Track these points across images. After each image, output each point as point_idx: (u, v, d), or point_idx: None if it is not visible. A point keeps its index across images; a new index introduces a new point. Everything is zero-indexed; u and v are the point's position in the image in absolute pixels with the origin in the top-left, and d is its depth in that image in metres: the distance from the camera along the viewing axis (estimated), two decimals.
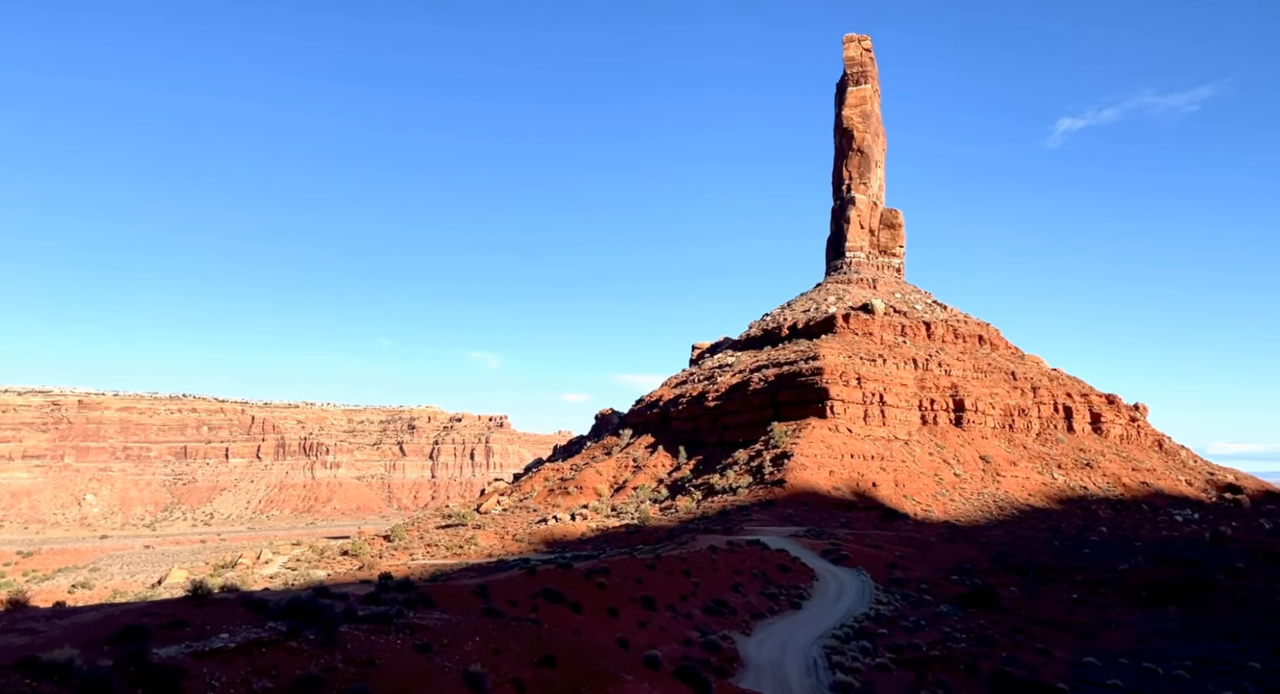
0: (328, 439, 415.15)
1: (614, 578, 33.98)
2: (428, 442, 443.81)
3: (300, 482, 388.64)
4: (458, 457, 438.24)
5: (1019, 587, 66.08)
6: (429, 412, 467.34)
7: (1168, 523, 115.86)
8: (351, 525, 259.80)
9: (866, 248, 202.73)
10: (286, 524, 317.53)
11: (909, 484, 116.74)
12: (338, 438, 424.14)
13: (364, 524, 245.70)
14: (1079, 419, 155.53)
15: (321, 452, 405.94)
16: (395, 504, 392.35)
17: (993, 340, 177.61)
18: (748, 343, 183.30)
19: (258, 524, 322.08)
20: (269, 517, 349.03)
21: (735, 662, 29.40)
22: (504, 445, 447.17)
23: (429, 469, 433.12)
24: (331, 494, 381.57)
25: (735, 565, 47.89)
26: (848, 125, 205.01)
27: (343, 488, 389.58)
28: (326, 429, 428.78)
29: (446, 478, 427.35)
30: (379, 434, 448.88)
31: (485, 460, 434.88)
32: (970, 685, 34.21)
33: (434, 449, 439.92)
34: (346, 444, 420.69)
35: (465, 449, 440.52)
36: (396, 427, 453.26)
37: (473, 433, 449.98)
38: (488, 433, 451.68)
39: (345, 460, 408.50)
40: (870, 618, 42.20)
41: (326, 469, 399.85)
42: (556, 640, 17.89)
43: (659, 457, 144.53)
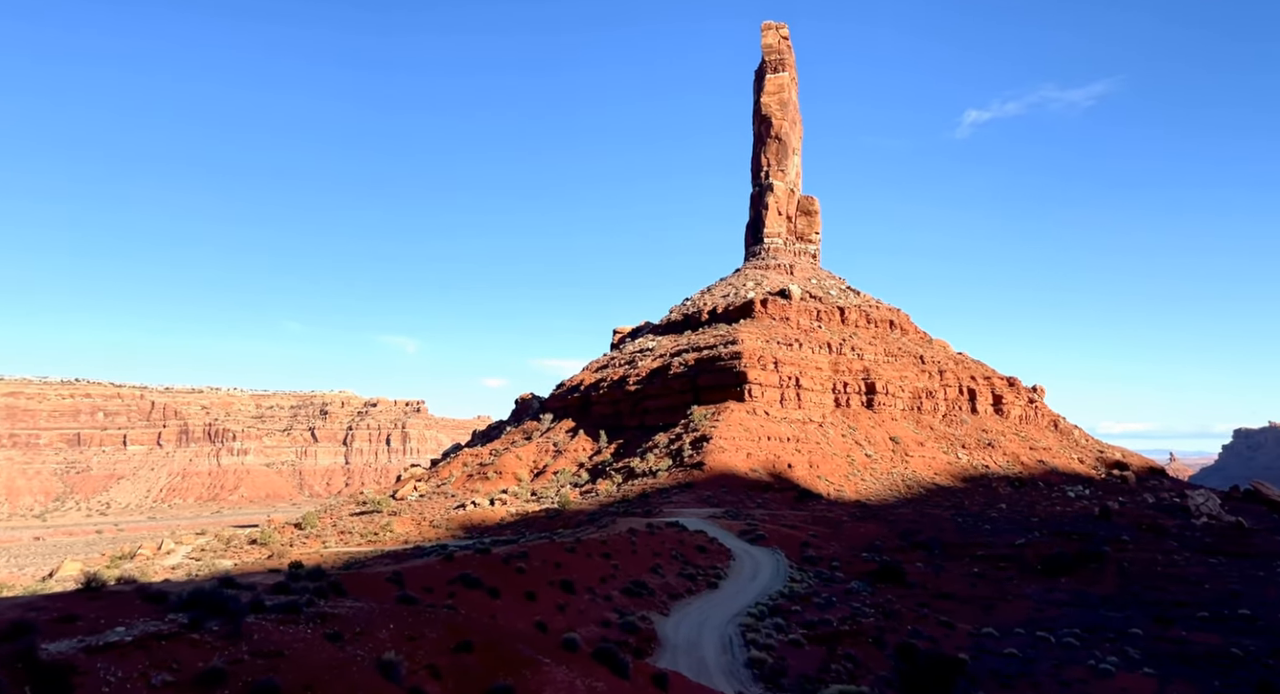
0: (234, 425, 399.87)
1: (533, 562, 33.85)
2: (341, 427, 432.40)
3: (205, 469, 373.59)
4: (373, 442, 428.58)
5: (925, 562, 68.81)
6: (342, 396, 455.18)
7: (1062, 499, 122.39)
8: (261, 514, 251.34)
9: (784, 234, 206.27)
10: (190, 513, 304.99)
11: (823, 465, 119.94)
12: (245, 424, 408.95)
13: (274, 512, 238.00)
14: (982, 401, 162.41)
15: (228, 438, 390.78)
16: (307, 491, 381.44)
17: (903, 325, 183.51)
18: (668, 327, 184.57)
19: (159, 514, 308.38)
20: (171, 506, 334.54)
21: (653, 642, 29.73)
22: (421, 431, 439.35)
23: (343, 455, 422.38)
24: (239, 482, 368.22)
25: (654, 547, 48.35)
26: (766, 112, 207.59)
27: (251, 475, 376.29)
28: (233, 415, 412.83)
29: (361, 464, 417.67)
30: (289, 420, 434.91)
31: (402, 446, 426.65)
32: (877, 658, 35.49)
33: (348, 435, 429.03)
34: (255, 430, 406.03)
35: (381, 435, 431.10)
36: (308, 412, 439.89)
37: (389, 418, 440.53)
38: (404, 418, 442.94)
39: (253, 447, 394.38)
40: (784, 596, 43.27)
41: (233, 456, 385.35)
42: (474, 626, 17.71)
43: (580, 441, 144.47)
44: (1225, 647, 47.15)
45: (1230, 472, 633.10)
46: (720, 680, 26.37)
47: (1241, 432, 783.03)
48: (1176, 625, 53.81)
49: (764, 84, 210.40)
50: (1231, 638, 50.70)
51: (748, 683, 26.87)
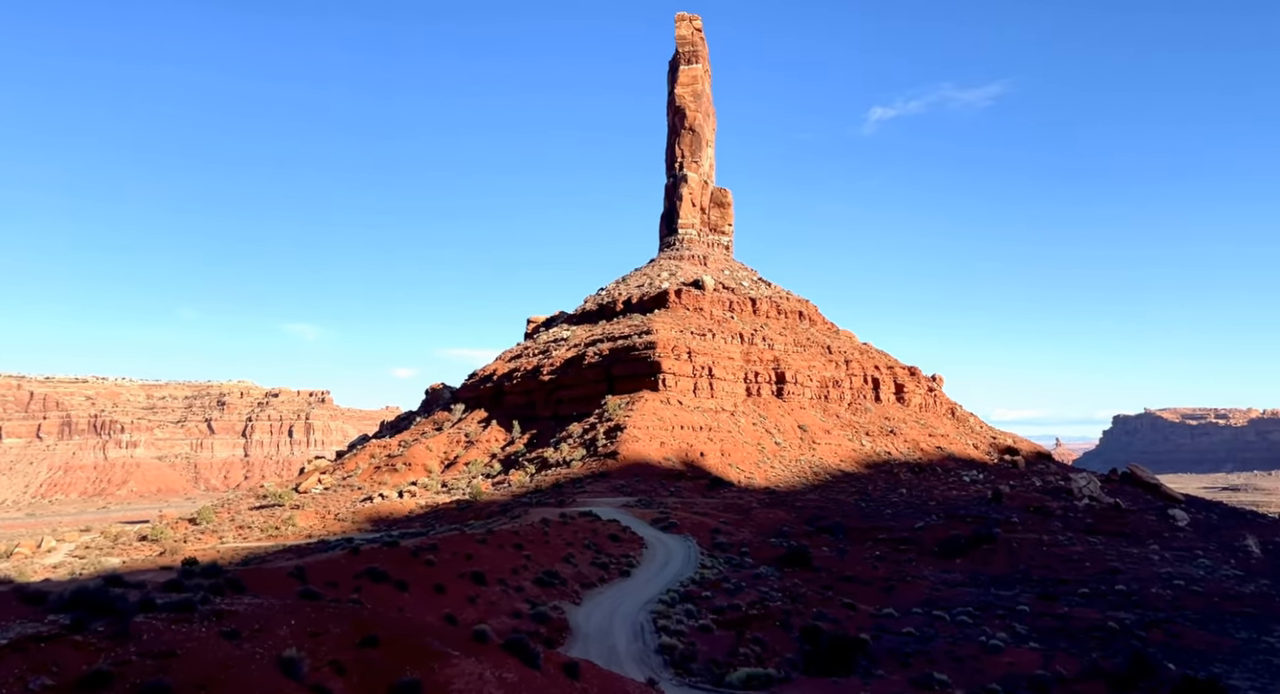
0: (123, 417, 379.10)
1: (443, 554, 33.34)
2: (240, 419, 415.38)
3: (90, 463, 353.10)
4: (274, 434, 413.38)
5: (830, 546, 70.98)
6: (241, 387, 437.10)
7: (958, 483, 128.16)
8: (152, 509, 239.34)
9: (698, 225, 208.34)
10: (74, 509, 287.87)
11: (734, 453, 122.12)
12: (135, 415, 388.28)
13: (167, 507, 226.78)
14: (885, 390, 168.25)
15: (115, 430, 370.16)
16: (203, 485, 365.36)
17: (811, 316, 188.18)
18: (583, 317, 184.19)
19: (39, 510, 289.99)
20: (52, 502, 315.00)
21: (565, 631, 29.75)
22: (326, 422, 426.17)
23: (241, 448, 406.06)
24: (128, 476, 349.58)
25: (567, 537, 48.32)
26: (680, 104, 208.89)
27: (141, 469, 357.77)
28: (121, 406, 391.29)
29: (262, 457, 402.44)
30: (184, 411, 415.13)
31: (305, 438, 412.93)
32: (784, 640, 36.45)
33: (247, 426, 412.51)
34: (145, 422, 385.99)
35: (283, 426, 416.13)
36: (204, 403, 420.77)
37: (291, 409, 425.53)
38: (308, 409, 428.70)
39: (144, 439, 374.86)
40: (695, 582, 43.94)
41: (122, 449, 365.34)
42: (380, 620, 17.33)
43: (492, 431, 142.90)
44: (1104, 621, 50.33)
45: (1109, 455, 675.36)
46: (631, 667, 26.60)
47: (1120, 418, 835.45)
48: (1060, 602, 57.11)
49: (678, 75, 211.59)
50: (1109, 612, 54.16)
51: (658, 669, 27.19)
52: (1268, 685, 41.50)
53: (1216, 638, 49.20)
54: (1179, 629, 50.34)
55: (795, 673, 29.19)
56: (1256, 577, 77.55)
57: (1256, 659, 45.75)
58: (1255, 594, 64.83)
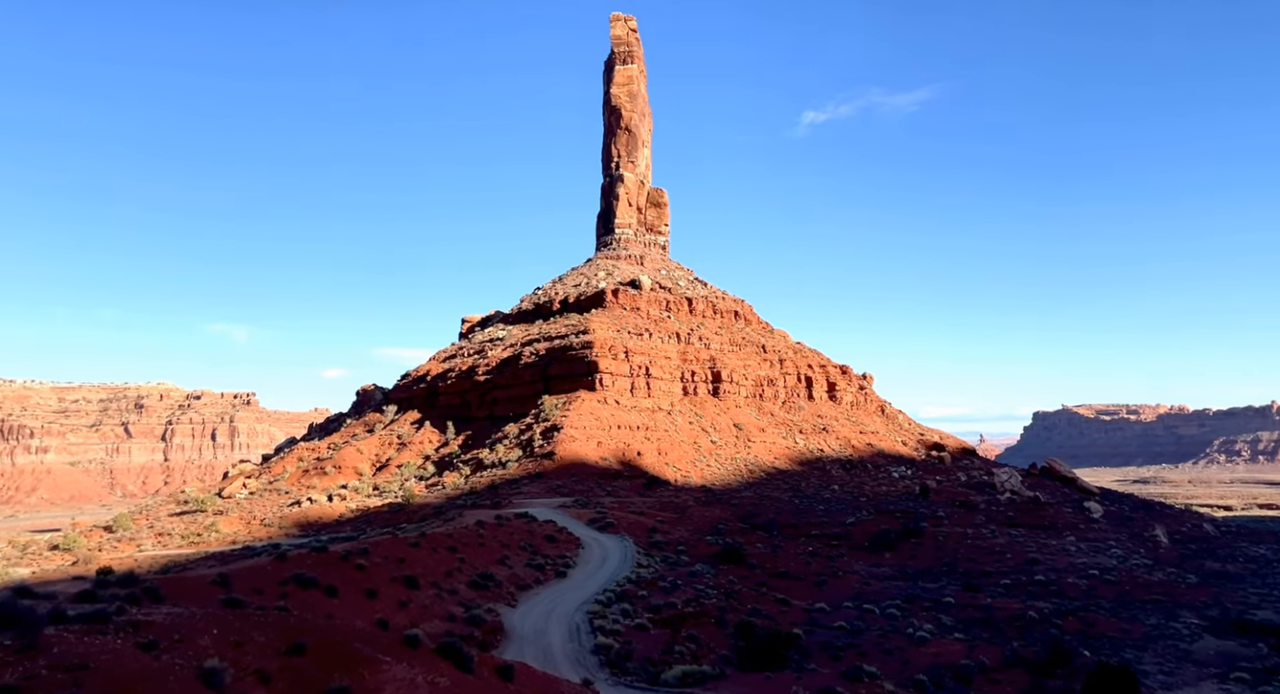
0: (32, 421, 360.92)
1: (374, 558, 32.69)
2: (159, 422, 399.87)
3: None
4: (196, 438, 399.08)
5: (765, 543, 72.02)
6: (161, 389, 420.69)
7: (888, 479, 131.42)
8: (64, 517, 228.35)
9: (634, 225, 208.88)
10: None
11: (671, 452, 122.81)
12: (45, 419, 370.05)
13: (80, 515, 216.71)
14: (818, 388, 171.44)
15: (24, 434, 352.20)
16: (120, 492, 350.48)
17: (747, 316, 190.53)
18: (519, 317, 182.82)
19: None
20: None
21: (499, 634, 29.49)
22: (252, 425, 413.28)
23: (161, 452, 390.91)
24: (37, 482, 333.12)
25: (503, 539, 47.89)
26: (616, 104, 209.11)
27: (52, 475, 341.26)
28: (30, 409, 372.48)
29: (183, 461, 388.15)
30: (99, 415, 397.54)
31: (230, 441, 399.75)
32: (719, 637, 36.85)
33: (167, 430, 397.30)
34: (57, 426, 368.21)
35: (206, 429, 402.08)
36: (121, 406, 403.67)
37: (214, 412, 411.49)
38: (232, 411, 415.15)
39: (55, 444, 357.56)
40: (631, 581, 44.06)
41: (30, 454, 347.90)
42: (307, 627, 16.91)
43: (426, 433, 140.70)
44: (1024, 611, 52.28)
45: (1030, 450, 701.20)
46: (566, 668, 26.53)
47: (1039, 414, 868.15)
48: (983, 593, 59.08)
49: (613, 75, 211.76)
50: (1029, 602, 56.28)
51: (594, 669, 27.18)
52: (1175, 669, 43.67)
53: (1128, 625, 51.59)
54: (1093, 617, 52.63)
55: (730, 669, 29.52)
56: (1164, 565, 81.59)
57: (1164, 644, 48.13)
58: (1163, 582, 68.19)
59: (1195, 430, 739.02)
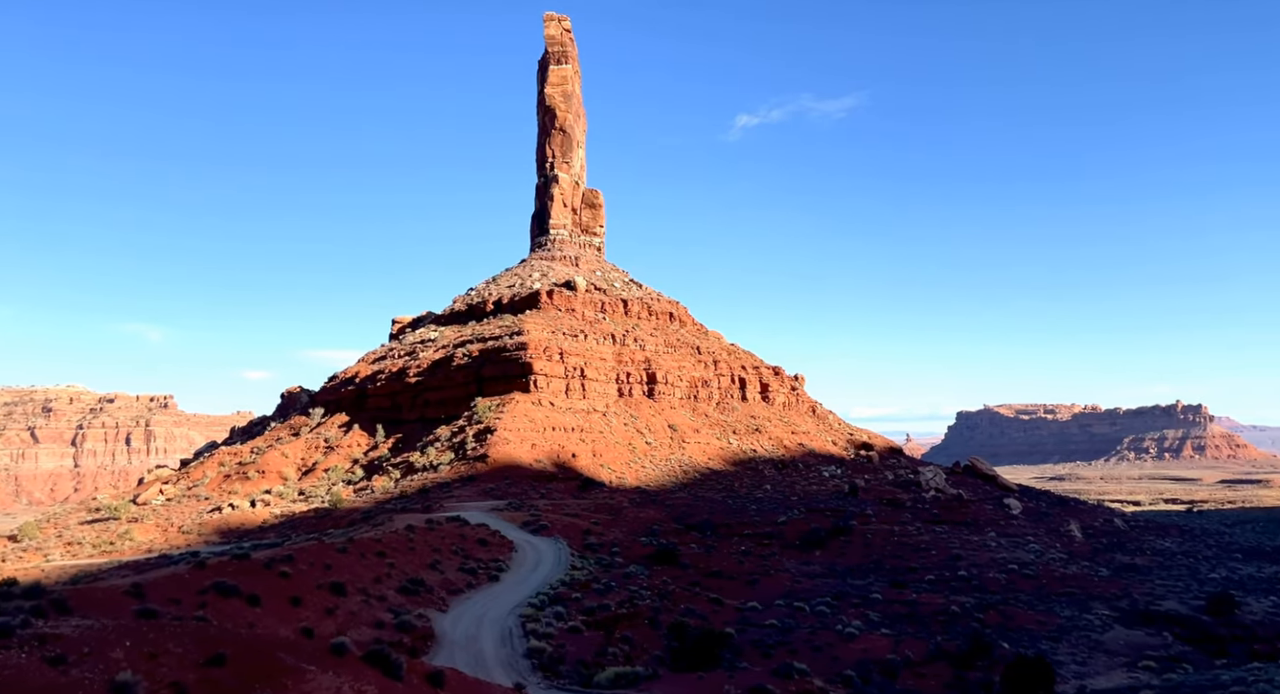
0: None
1: (299, 565, 31.78)
2: (69, 426, 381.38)
3: None
4: (109, 442, 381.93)
5: (698, 543, 72.52)
6: (70, 392, 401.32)
7: (818, 478, 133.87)
8: None
9: (569, 226, 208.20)
10: None
11: (606, 454, 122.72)
12: None
13: None
14: (751, 389, 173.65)
15: None
16: (26, 499, 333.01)
17: (681, 317, 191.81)
18: (452, 317, 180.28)
19: None
20: None
21: (430, 640, 29.00)
22: (169, 429, 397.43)
23: (71, 458, 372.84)
24: None
25: (434, 543, 47.11)
26: (550, 104, 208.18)
27: None
28: None
29: (94, 467, 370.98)
30: (2, 419, 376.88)
31: (146, 446, 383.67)
32: (653, 638, 36.96)
33: (78, 435, 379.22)
34: None
35: (119, 434, 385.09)
36: (27, 409, 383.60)
37: (129, 415, 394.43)
38: (148, 415, 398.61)
39: None
40: (565, 584, 43.86)
41: None
42: (227, 637, 16.34)
43: (354, 436, 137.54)
44: (947, 605, 53.85)
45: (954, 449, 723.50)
46: (498, 673, 26.25)
47: (963, 413, 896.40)
48: (909, 589, 60.62)
49: (547, 75, 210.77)
50: (952, 597, 57.99)
51: (526, 673, 26.96)
52: (1087, 659, 45.55)
53: (1044, 617, 53.63)
54: (1012, 610, 54.54)
55: (663, 669, 29.63)
56: (1078, 559, 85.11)
57: (1078, 635, 50.17)
58: (1077, 575, 71.09)
59: (1107, 429, 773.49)
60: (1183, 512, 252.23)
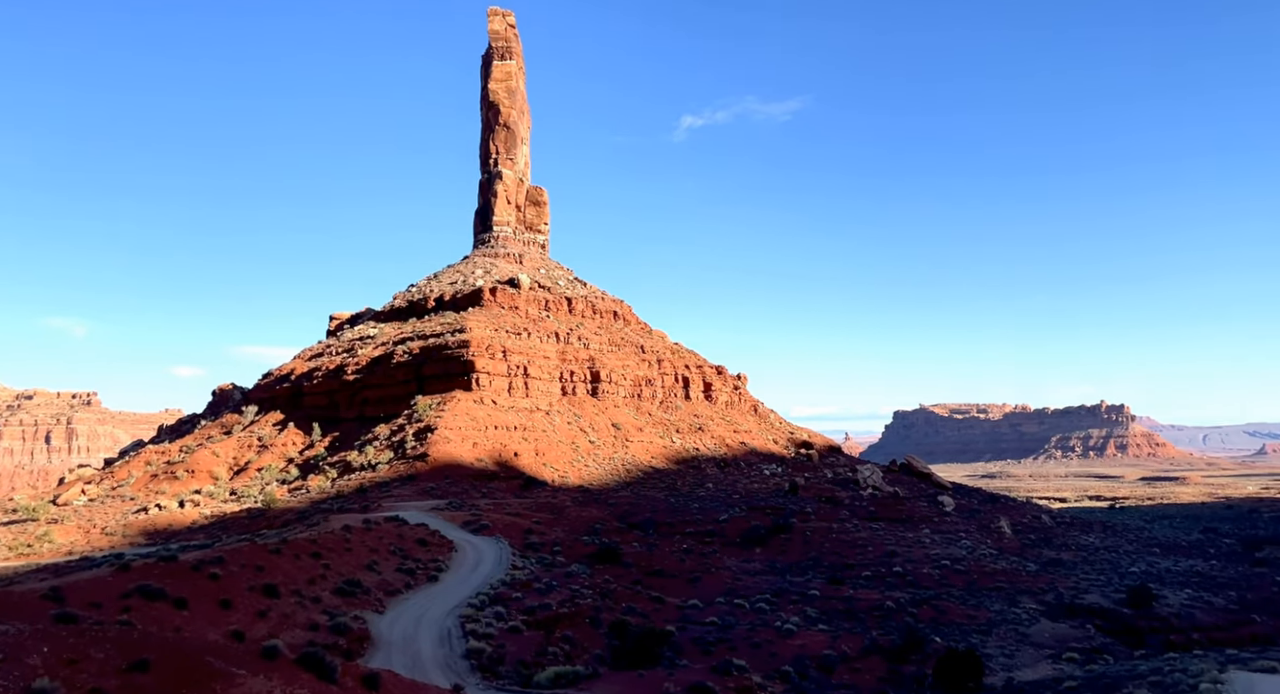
0: None
1: (230, 567, 30.86)
2: None
3: None
4: (28, 441, 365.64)
5: (641, 542, 72.72)
6: None
7: (759, 477, 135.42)
8: None
9: (513, 223, 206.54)
10: None
11: (549, 453, 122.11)
12: None
13: None
14: (695, 388, 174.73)
15: None
16: None
17: (626, 316, 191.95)
18: (392, 314, 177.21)
19: None
20: None
21: (366, 642, 28.48)
22: (93, 427, 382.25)
23: None
24: None
25: (371, 544, 46.26)
26: (494, 99, 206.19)
27: None
28: None
29: (11, 466, 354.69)
30: None
31: (67, 444, 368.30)
32: (594, 637, 36.93)
33: None
34: None
35: (38, 432, 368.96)
36: None
37: (49, 413, 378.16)
38: (70, 412, 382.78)
39: None
40: (506, 583, 43.53)
41: None
42: (152, 642, 15.79)
43: (289, 434, 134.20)
44: (882, 601, 55.01)
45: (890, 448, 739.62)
46: (437, 674, 25.92)
47: (899, 413, 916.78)
48: (846, 585, 61.75)
49: (491, 71, 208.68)
50: (887, 593, 59.25)
51: (465, 673, 26.68)
52: (1015, 651, 47.02)
53: (975, 611, 55.21)
54: (945, 605, 55.99)
55: (603, 668, 29.63)
56: (1008, 554, 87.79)
57: (1006, 628, 51.77)
58: (1006, 570, 73.33)
59: (1036, 428, 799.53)
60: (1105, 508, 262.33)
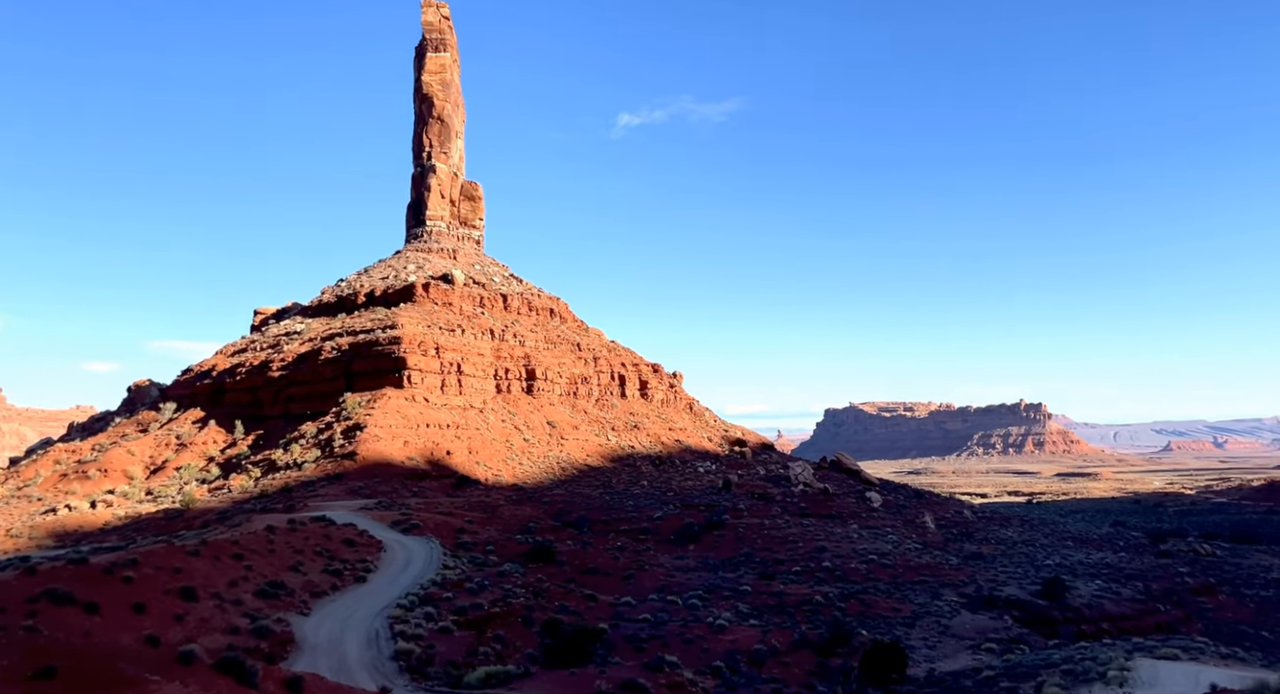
0: None
1: (144, 570, 29.65)
2: None
3: None
4: None
5: (575, 540, 72.56)
6: None
7: (694, 474, 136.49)
8: None
9: (447, 218, 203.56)
10: None
11: (482, 451, 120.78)
12: None
13: None
14: (631, 386, 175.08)
15: None
16: None
17: (562, 313, 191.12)
18: (320, 309, 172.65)
19: None
20: None
21: (290, 645, 27.71)
22: None
23: None
24: None
25: (296, 544, 45.03)
26: (428, 92, 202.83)
27: None
28: None
29: None
30: None
31: None
32: (526, 636, 36.69)
33: None
34: None
35: None
36: None
37: None
38: None
39: None
40: (437, 583, 42.91)
41: None
42: (59, 647, 15.08)
43: (210, 432, 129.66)
44: (812, 596, 56.07)
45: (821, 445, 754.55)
46: (363, 676, 25.38)
47: (830, 411, 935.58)
48: (777, 580, 62.74)
49: (425, 62, 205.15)
50: (816, 587, 60.41)
51: (393, 675, 26.20)
52: (937, 642, 48.45)
53: (900, 604, 56.70)
54: (872, 599, 57.37)
55: (535, 667, 29.46)
56: (931, 548, 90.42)
57: (929, 620, 53.31)
58: (930, 564, 75.52)
59: (960, 426, 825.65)
60: (1024, 503, 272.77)
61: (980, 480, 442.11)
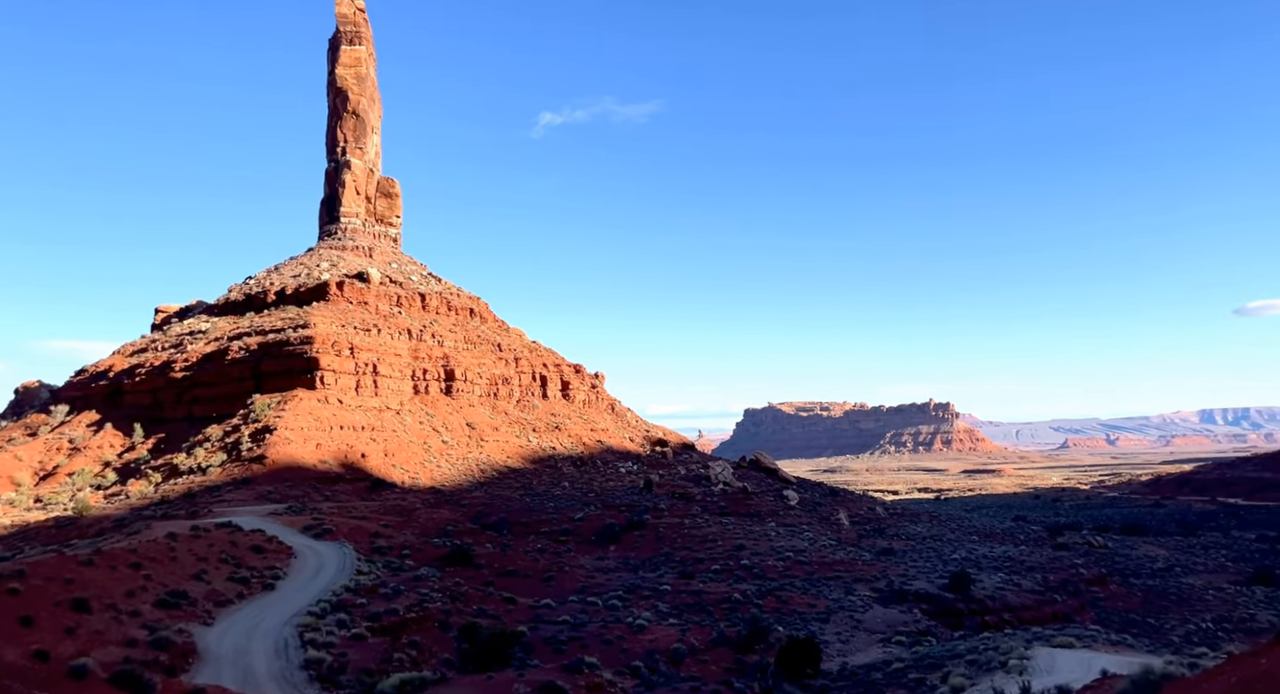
0: None
1: (32, 581, 27.95)
2: None
3: None
4: None
5: (494, 542, 71.72)
6: None
7: (615, 475, 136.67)
8: None
9: (363, 215, 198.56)
10: None
11: (399, 453, 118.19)
12: None
13: None
14: (552, 387, 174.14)
15: None
16: None
17: (483, 313, 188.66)
18: (227, 308, 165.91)
19: None
20: None
21: (192, 656, 26.54)
22: None
23: None
24: None
25: (200, 552, 43.17)
26: (342, 86, 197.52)
27: None
28: None
29: None
30: None
31: None
32: (443, 641, 36.09)
33: None
34: None
35: None
36: None
37: None
38: None
39: None
40: (350, 589, 41.79)
41: None
42: None
43: (106, 436, 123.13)
44: (730, 593, 56.84)
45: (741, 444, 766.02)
46: (271, 687, 24.51)
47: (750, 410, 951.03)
48: (696, 579, 63.40)
49: (339, 55, 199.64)
50: (735, 585, 61.28)
51: (303, 685, 25.38)
52: (850, 636, 49.76)
53: (814, 600, 58.02)
54: (788, 595, 58.53)
55: (451, 672, 29.00)
56: (846, 545, 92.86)
57: (843, 615, 54.71)
58: (844, 560, 77.51)
59: (873, 425, 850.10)
60: (932, 499, 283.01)
61: (892, 478, 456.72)
